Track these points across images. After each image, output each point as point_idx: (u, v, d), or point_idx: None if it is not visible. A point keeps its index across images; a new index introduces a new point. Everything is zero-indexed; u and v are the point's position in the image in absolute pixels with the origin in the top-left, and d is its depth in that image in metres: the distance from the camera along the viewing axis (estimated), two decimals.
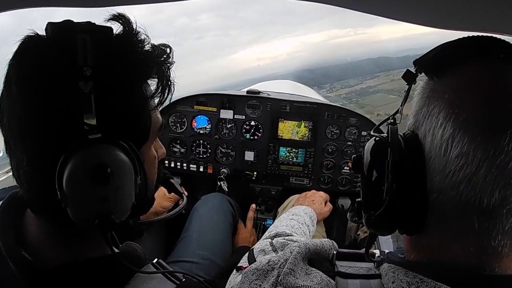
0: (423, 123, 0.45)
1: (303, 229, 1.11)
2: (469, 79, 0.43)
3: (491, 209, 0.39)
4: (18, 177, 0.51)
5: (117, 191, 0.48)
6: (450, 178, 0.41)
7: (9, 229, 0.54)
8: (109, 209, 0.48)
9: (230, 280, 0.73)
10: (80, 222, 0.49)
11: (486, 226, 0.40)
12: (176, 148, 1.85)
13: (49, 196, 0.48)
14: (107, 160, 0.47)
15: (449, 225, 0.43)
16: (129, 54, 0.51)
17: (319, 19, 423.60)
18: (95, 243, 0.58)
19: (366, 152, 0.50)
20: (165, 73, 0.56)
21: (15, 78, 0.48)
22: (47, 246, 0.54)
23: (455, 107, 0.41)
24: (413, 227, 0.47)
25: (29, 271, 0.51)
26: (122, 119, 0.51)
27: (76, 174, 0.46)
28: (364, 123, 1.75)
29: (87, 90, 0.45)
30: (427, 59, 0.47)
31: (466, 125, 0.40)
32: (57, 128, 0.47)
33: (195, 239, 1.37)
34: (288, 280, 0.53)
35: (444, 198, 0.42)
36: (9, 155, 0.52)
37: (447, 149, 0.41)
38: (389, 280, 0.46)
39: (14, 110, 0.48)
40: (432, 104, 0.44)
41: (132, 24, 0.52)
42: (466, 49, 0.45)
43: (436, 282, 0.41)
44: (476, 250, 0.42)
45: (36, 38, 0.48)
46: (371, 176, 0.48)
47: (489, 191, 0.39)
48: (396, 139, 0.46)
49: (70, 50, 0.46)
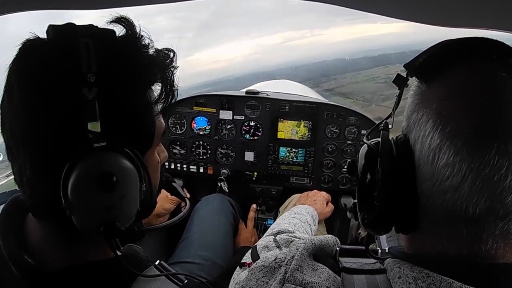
0: (413, 129, 0.45)
1: (305, 227, 1.11)
2: (455, 87, 0.43)
3: (477, 218, 0.40)
4: (21, 183, 0.50)
5: (123, 198, 0.48)
6: (437, 186, 0.42)
7: (11, 233, 0.54)
8: (114, 217, 0.48)
9: (234, 277, 0.72)
10: (85, 229, 0.48)
11: (474, 232, 0.41)
12: (176, 150, 1.85)
13: (53, 203, 0.47)
14: (113, 168, 0.46)
15: (440, 229, 0.44)
16: (133, 59, 0.50)
17: (275, 21, 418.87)
18: (97, 246, 0.57)
19: (360, 158, 0.51)
20: (169, 78, 0.55)
21: (17, 83, 0.47)
22: (49, 249, 0.54)
23: (442, 117, 0.41)
24: (406, 228, 0.48)
25: (31, 274, 0.51)
26: (127, 125, 0.50)
27: (82, 182, 0.45)
28: (364, 122, 1.75)
29: (91, 96, 0.44)
30: (416, 64, 0.47)
31: (452, 136, 0.40)
32: (61, 135, 0.46)
33: (197, 240, 1.37)
34: (296, 276, 0.53)
35: (433, 204, 0.43)
36: (10, 161, 0.51)
37: (434, 158, 0.41)
38: (395, 275, 0.47)
39: (16, 116, 0.47)
40: (421, 111, 0.44)
41: (135, 27, 0.51)
42: (454, 53, 0.44)
43: (442, 276, 0.41)
44: (468, 254, 0.42)
45: (37, 41, 0.47)
46: (364, 181, 0.49)
47: (474, 201, 0.39)
48: (386, 147, 0.47)
49: (73, 55, 0.44)
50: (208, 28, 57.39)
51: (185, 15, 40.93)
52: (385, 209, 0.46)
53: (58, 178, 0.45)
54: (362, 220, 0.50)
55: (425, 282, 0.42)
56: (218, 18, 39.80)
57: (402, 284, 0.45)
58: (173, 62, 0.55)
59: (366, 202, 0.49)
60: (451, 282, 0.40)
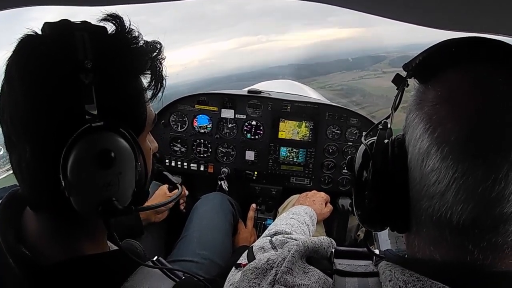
0: (409, 131, 0.45)
1: (303, 228, 1.11)
2: (446, 92, 0.41)
3: (461, 228, 0.39)
4: (20, 171, 0.52)
5: (120, 176, 0.50)
6: (425, 191, 0.41)
7: (9, 227, 0.55)
8: (112, 195, 0.50)
9: (229, 277, 0.73)
10: (83, 209, 0.50)
11: (460, 241, 0.40)
12: (176, 147, 1.85)
13: (51, 187, 0.49)
14: (110, 145, 0.49)
15: (427, 233, 0.44)
16: (125, 48, 0.54)
17: (231, 26, 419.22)
18: (95, 240, 0.58)
19: (357, 157, 0.51)
20: (158, 68, 0.59)
21: (18, 74, 0.49)
22: (47, 243, 0.55)
23: (431, 122, 0.41)
24: (398, 228, 0.49)
25: (29, 268, 0.51)
26: (121, 108, 0.53)
27: (81, 159, 0.47)
28: (365, 124, 1.74)
29: (87, 81, 0.47)
30: (413, 64, 0.46)
31: (440, 142, 0.39)
32: (61, 118, 0.49)
33: (196, 239, 1.37)
34: (286, 278, 0.53)
35: (421, 208, 0.43)
36: (9, 152, 0.53)
37: (423, 162, 0.41)
38: (386, 278, 0.46)
39: (18, 105, 0.49)
40: (415, 113, 0.44)
41: (125, 22, 0.54)
42: (450, 53, 0.43)
43: (432, 280, 0.41)
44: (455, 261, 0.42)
45: (36, 36, 0.50)
46: (359, 179, 0.50)
47: (459, 210, 0.38)
48: (379, 148, 0.47)
49: (70, 46, 0.48)
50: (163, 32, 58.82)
51: (141, 19, 40.21)
52: (375, 208, 0.47)
53: (57, 160, 0.47)
54: (358, 216, 0.52)
55: (415, 286, 0.41)
56: (174, 23, 39.34)
57: (393, 287, 0.44)
58: (161, 52, 0.59)
59: (360, 199, 0.50)
60: (442, 287, 0.40)
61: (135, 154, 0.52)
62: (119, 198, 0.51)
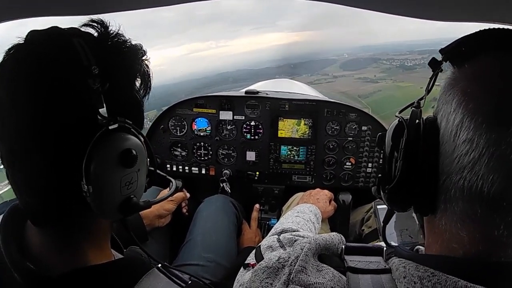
0: (441, 108, 0.47)
1: (309, 225, 1.10)
2: (481, 70, 0.45)
3: (491, 199, 0.40)
4: (29, 186, 0.51)
5: (139, 173, 0.54)
6: (456, 162, 0.42)
7: (12, 241, 0.54)
8: (131, 192, 0.54)
9: (238, 278, 0.72)
10: (104, 210, 0.52)
11: (489, 214, 0.41)
12: (177, 152, 1.84)
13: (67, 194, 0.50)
14: (131, 145, 0.52)
15: (455, 210, 0.44)
16: (121, 52, 0.55)
17: (180, 32, 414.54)
18: (99, 249, 0.58)
19: (389, 131, 0.53)
20: (146, 69, 0.61)
21: (21, 87, 0.48)
22: (50, 255, 0.54)
23: (466, 95, 0.43)
24: (425, 206, 0.49)
25: (34, 280, 0.51)
26: (127, 109, 0.56)
27: (107, 162, 0.49)
28: (364, 118, 1.74)
29: (95, 86, 0.49)
30: (449, 49, 0.49)
31: (474, 113, 0.42)
32: (74, 124, 0.49)
33: (200, 242, 1.37)
34: (300, 277, 0.52)
35: (450, 182, 0.44)
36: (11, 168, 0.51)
37: (456, 134, 0.43)
38: (400, 275, 0.46)
39: (25, 116, 0.48)
40: (449, 91, 0.46)
41: (109, 27, 0.55)
42: (483, 41, 0.46)
43: (447, 275, 0.41)
44: (481, 237, 0.42)
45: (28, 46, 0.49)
46: (390, 152, 0.51)
47: (490, 179, 0.39)
48: (414, 121, 0.49)
49: (72, 52, 0.48)
50: None
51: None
52: (405, 183, 0.47)
53: (77, 166, 0.48)
54: (383, 192, 0.53)
55: (430, 282, 0.42)
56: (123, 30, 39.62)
57: (408, 283, 0.44)
58: (146, 54, 0.61)
59: (388, 173, 0.51)
60: (457, 280, 0.40)
61: (147, 150, 0.56)
62: (136, 194, 0.55)
